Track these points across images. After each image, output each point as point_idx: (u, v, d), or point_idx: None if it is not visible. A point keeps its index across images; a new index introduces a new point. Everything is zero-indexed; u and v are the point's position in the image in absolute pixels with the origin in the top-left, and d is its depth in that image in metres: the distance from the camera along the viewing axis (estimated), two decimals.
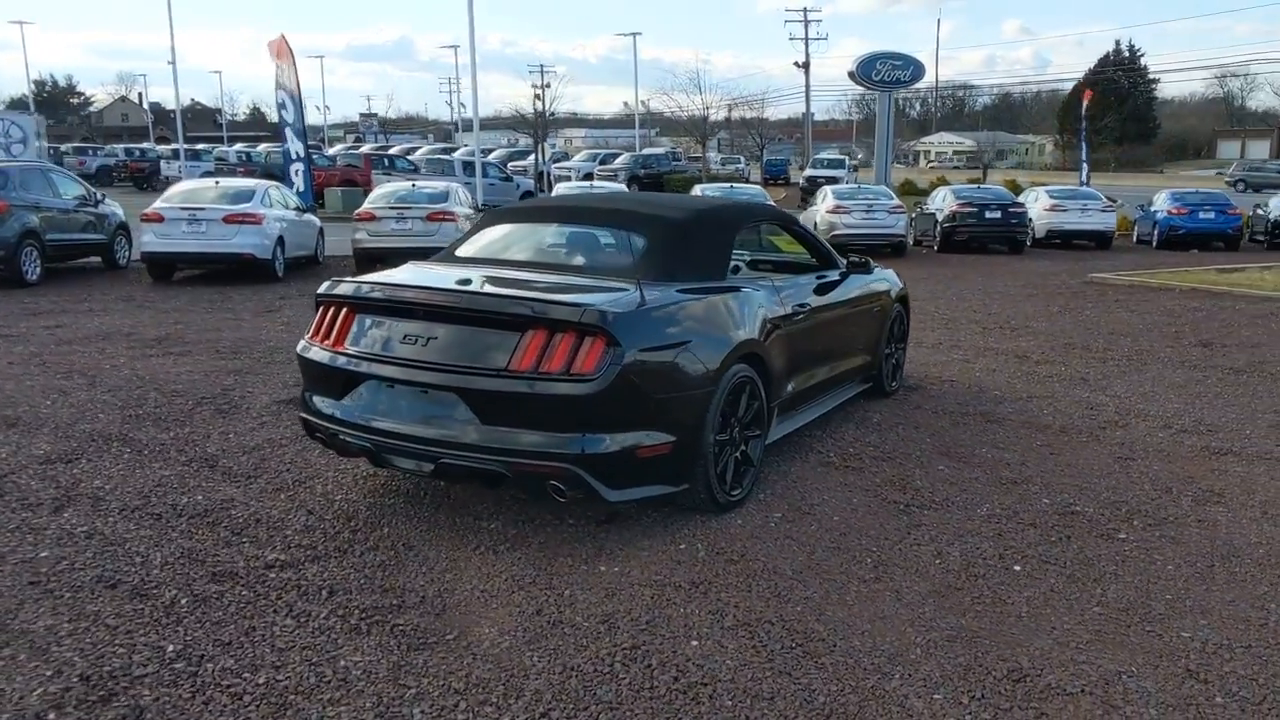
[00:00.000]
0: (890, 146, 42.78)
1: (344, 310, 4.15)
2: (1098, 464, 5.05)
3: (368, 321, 4.09)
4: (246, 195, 12.88)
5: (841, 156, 45.73)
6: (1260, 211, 21.08)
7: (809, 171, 39.41)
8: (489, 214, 5.37)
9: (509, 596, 3.43)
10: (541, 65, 53.07)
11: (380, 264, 8.98)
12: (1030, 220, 19.71)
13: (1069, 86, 73.90)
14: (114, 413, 5.85)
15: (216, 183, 14.28)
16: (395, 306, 4.03)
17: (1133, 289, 13.19)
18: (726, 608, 3.32)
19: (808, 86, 53.06)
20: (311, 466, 4.83)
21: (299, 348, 4.35)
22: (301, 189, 15.43)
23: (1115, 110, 65.51)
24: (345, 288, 4.20)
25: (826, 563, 3.74)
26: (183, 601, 3.39)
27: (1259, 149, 66.76)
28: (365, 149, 42.31)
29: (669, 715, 2.71)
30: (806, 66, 52.08)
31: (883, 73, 39.36)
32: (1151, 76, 67.65)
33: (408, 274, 4.50)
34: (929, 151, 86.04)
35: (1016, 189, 27.47)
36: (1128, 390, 6.81)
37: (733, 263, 4.92)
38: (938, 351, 8.25)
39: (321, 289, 4.32)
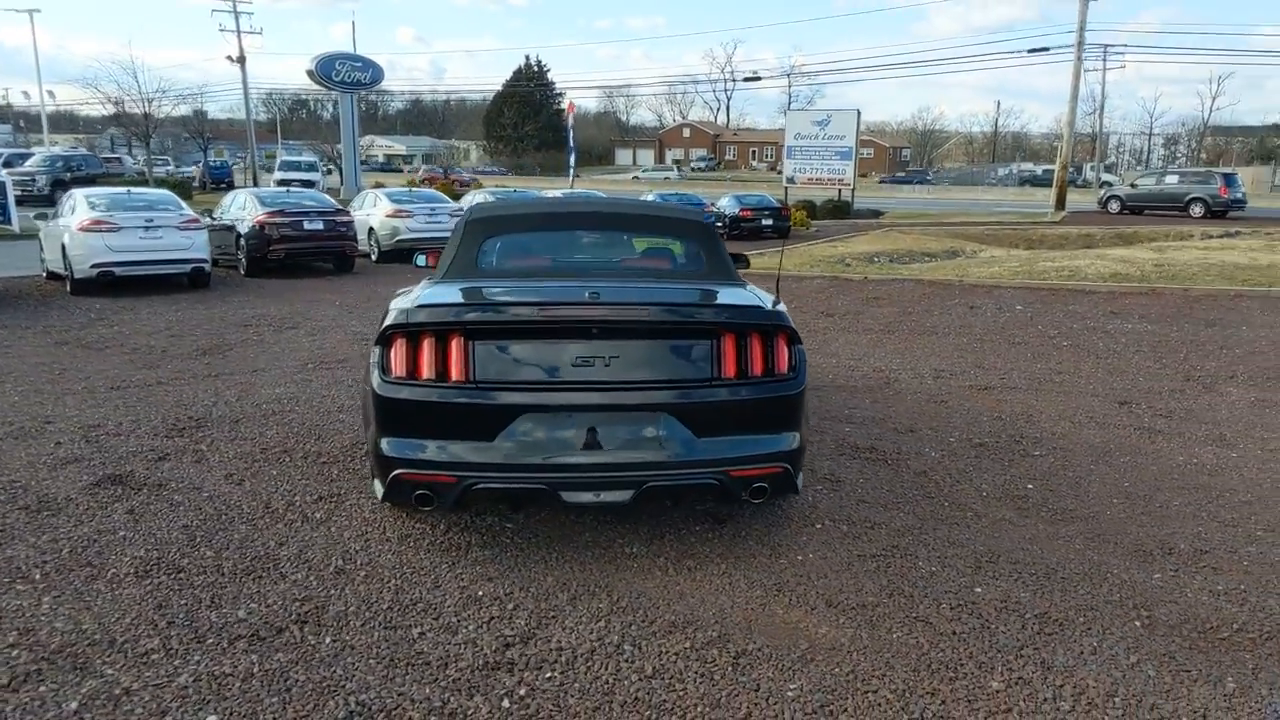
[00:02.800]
0: (356, 149, 42.62)
1: (454, 337, 3.62)
2: (926, 409, 6.54)
3: (510, 347, 3.64)
4: None
5: (312, 159, 44.12)
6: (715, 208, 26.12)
7: (280, 175, 37.44)
8: (478, 223, 4.82)
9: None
10: None
11: None
12: (373, 230, 17.56)
13: (487, 95, 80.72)
14: None
15: None
16: (552, 327, 3.66)
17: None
18: None
19: (245, 83, 49.81)
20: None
21: (377, 387, 3.65)
22: None
23: (533, 120, 73.56)
24: (449, 313, 3.66)
25: None
26: None
27: (645, 157, 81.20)
28: None
29: None
30: (242, 61, 48.86)
31: (343, 73, 39.04)
32: (558, 90, 77.40)
33: (516, 292, 4.01)
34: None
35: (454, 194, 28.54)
36: (854, 353, 8.61)
37: None
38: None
39: (411, 317, 3.67)
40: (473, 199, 21.41)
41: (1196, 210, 30.40)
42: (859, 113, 33.98)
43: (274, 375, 7.48)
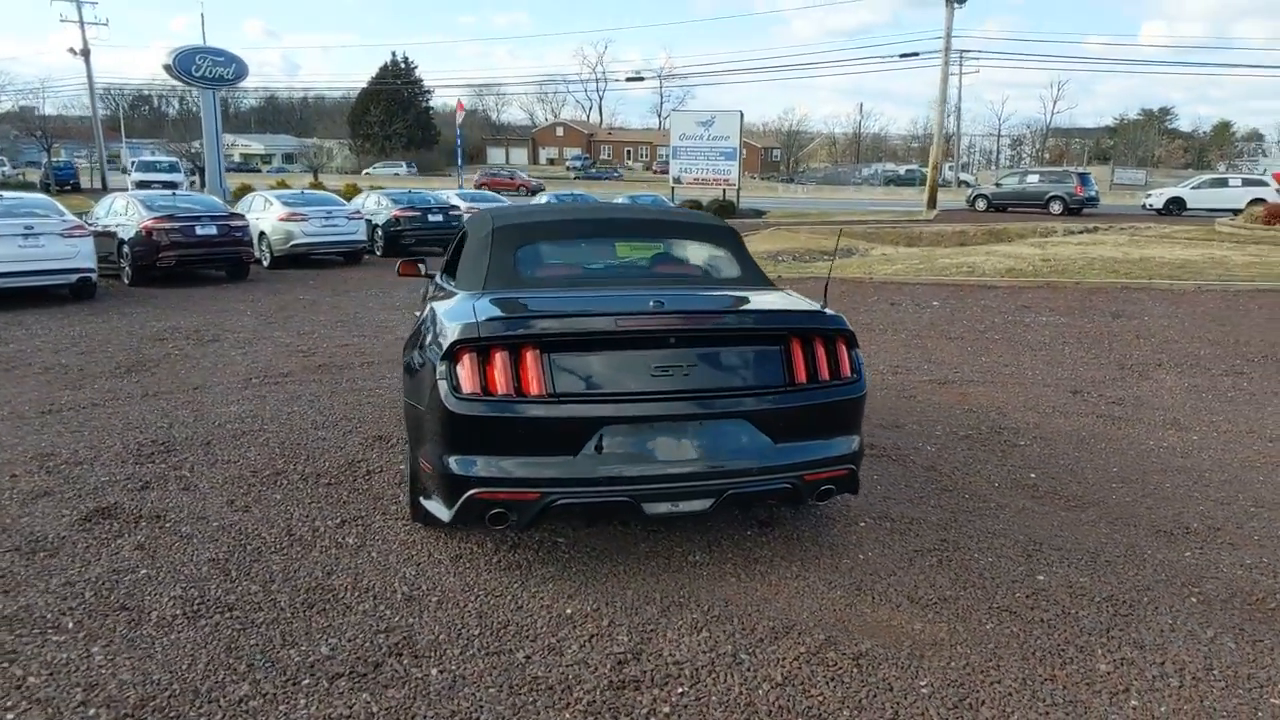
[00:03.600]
0: (220, 148, 40.53)
1: (527, 350, 3.53)
2: (900, 405, 6.80)
3: (588, 358, 3.58)
4: None
5: (172, 159, 41.58)
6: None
7: (139, 175, 35.16)
8: (508, 231, 4.65)
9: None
10: None
11: None
12: (265, 235, 16.84)
13: (348, 92, 78.14)
14: None
15: None
16: (630, 337, 3.61)
17: None
18: None
19: (90, 78, 46.55)
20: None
21: (449, 405, 3.51)
22: None
23: (401, 117, 71.71)
24: (524, 325, 3.57)
25: None
26: None
27: (518, 156, 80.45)
28: None
29: None
30: (86, 55, 45.63)
31: (204, 68, 37.05)
32: (426, 88, 75.67)
33: (583, 302, 3.93)
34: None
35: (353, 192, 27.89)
36: None
37: None
38: None
39: (482, 331, 3.54)
40: (366, 201, 20.76)
41: (1055, 208, 32.58)
42: (742, 114, 34.75)
43: (220, 393, 7.05)
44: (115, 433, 5.88)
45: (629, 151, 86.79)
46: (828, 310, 3.96)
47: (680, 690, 2.96)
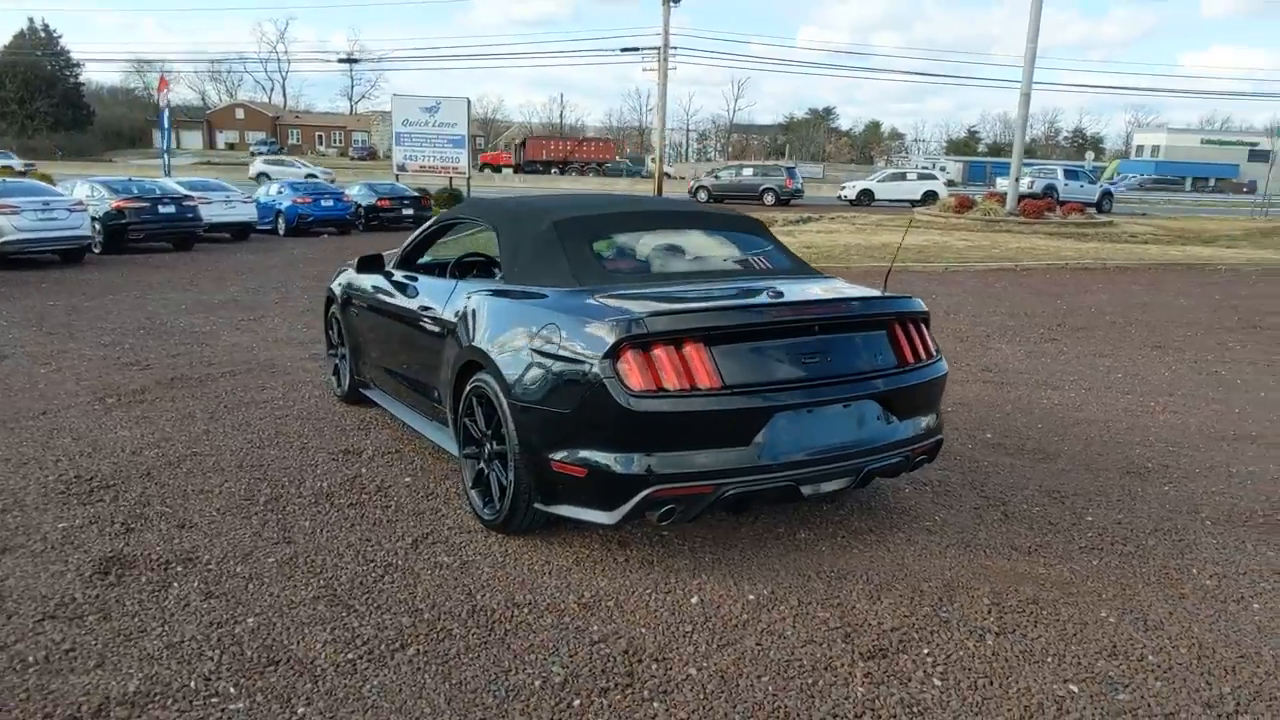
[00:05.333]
0: None
1: (690, 344, 3.55)
2: None
3: (746, 349, 3.64)
4: None
5: None
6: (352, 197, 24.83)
7: None
8: (573, 224, 4.41)
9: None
10: None
11: None
12: None
13: None
14: None
15: None
16: (782, 326, 3.72)
17: None
18: None
19: None
20: None
21: (624, 403, 3.44)
22: None
23: (45, 95, 62.27)
24: (687, 320, 3.58)
25: None
26: None
27: (192, 139, 72.84)
28: None
29: None
30: None
31: None
32: (74, 61, 66.14)
33: (710, 294, 4.02)
34: None
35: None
36: None
37: None
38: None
39: (648, 326, 3.49)
40: (74, 190, 18.05)
41: (768, 199, 35.71)
42: (469, 101, 34.36)
43: (81, 416, 6.05)
44: (9, 472, 4.90)
45: (320, 136, 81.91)
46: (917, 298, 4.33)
47: (926, 651, 3.19)
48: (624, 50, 35.36)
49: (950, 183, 42.05)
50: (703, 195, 37.15)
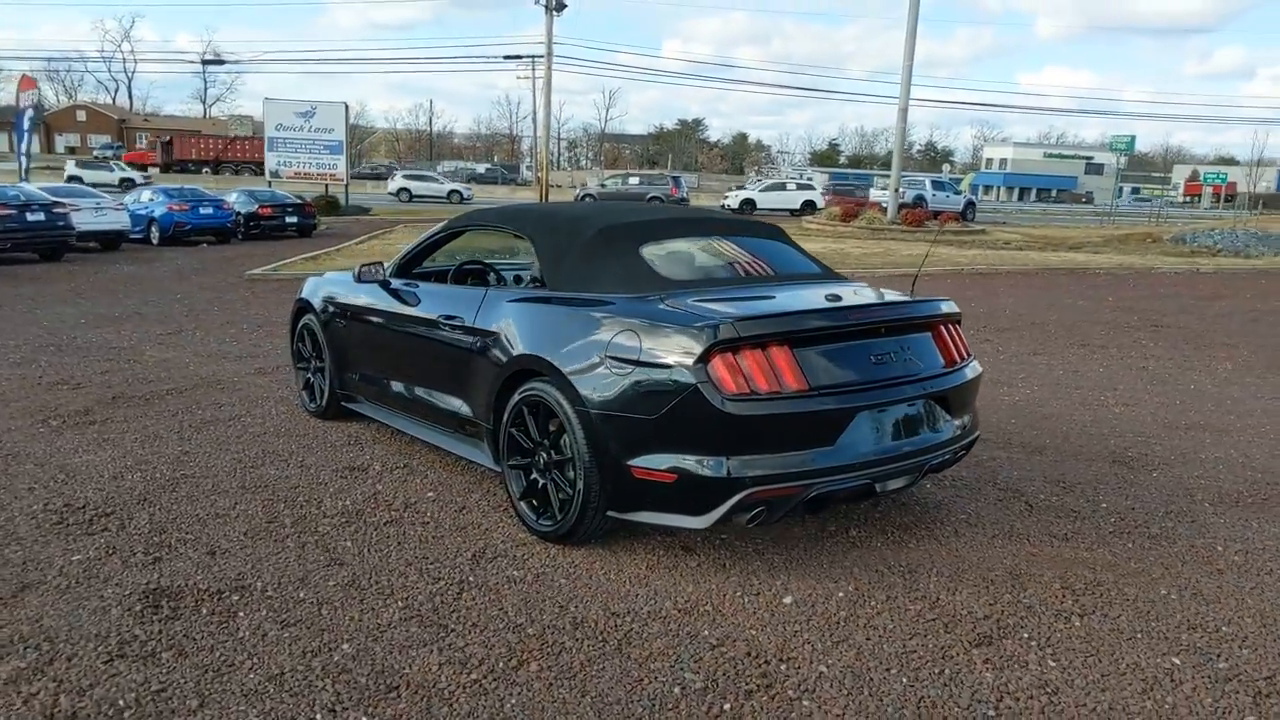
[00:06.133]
0: None
1: (775, 347, 3.60)
2: None
3: (826, 351, 3.71)
4: None
5: None
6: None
7: None
8: (617, 231, 4.34)
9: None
10: None
11: None
12: None
13: None
14: None
15: None
16: (856, 329, 3.81)
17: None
18: None
19: None
20: None
21: (721, 407, 3.46)
22: None
23: None
24: (773, 324, 3.63)
25: None
26: None
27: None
28: None
29: None
30: None
31: None
32: None
33: (793, 299, 4.08)
34: None
35: None
36: None
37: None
38: None
39: (738, 331, 3.52)
40: None
41: None
42: (347, 106, 33.37)
43: (26, 440, 5.58)
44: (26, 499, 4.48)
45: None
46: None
47: (1027, 636, 3.34)
48: (508, 58, 35.15)
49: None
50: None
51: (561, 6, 34.75)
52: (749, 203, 37.45)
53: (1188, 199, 64.09)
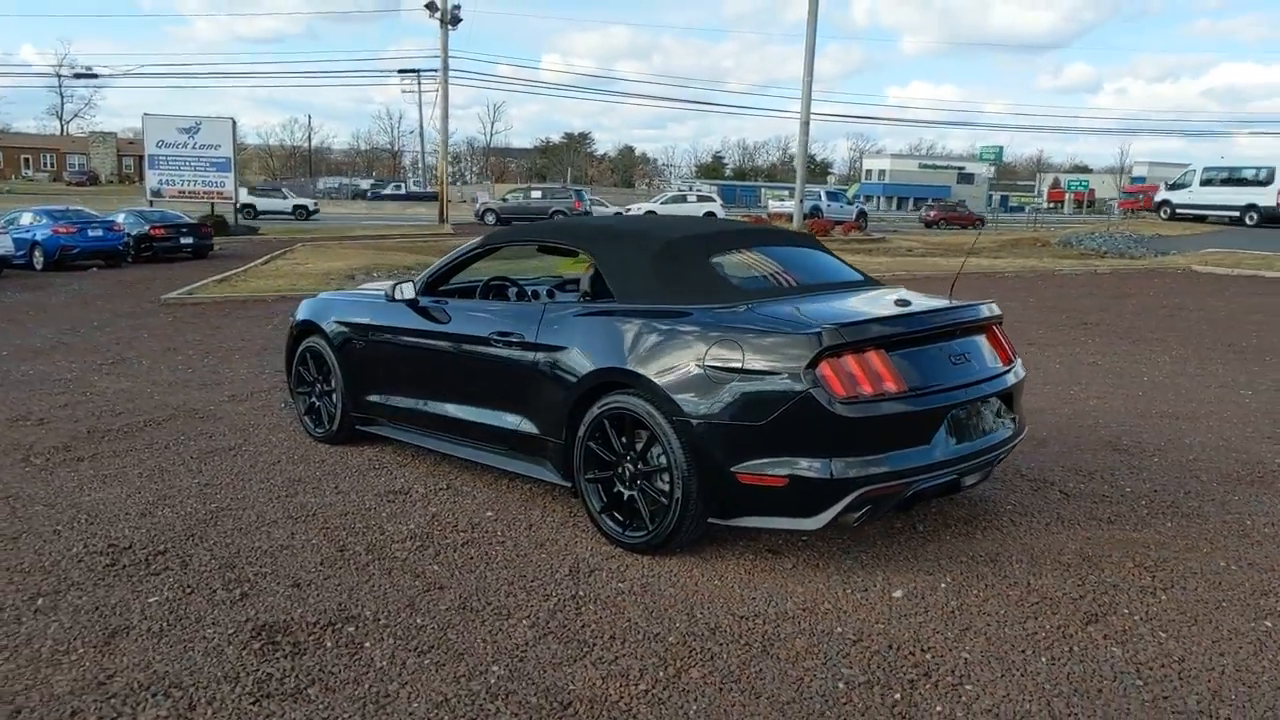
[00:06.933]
0: None
1: (872, 351, 3.77)
2: None
3: (914, 354, 3.89)
4: None
5: None
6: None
7: None
8: (687, 243, 4.38)
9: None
10: None
11: None
12: None
13: None
14: None
15: None
16: (933, 333, 4.01)
17: (252, 303, 14.01)
18: None
19: None
20: None
21: (834, 409, 3.59)
22: None
23: None
24: (871, 329, 3.80)
25: None
26: None
27: None
28: None
29: None
30: None
31: None
32: None
33: (867, 304, 4.24)
34: None
35: None
36: None
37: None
38: None
39: (844, 337, 3.67)
40: None
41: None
42: (234, 121, 32.21)
43: (16, 477, 5.26)
44: (17, 550, 4.22)
45: (27, 159, 72.53)
46: None
47: (1127, 612, 3.58)
48: (401, 72, 34.57)
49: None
50: (490, 218, 36.95)
51: (456, 20, 34.45)
52: (652, 215, 37.85)
53: (1051, 205, 68.20)
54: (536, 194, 37.84)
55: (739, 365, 3.80)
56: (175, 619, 3.53)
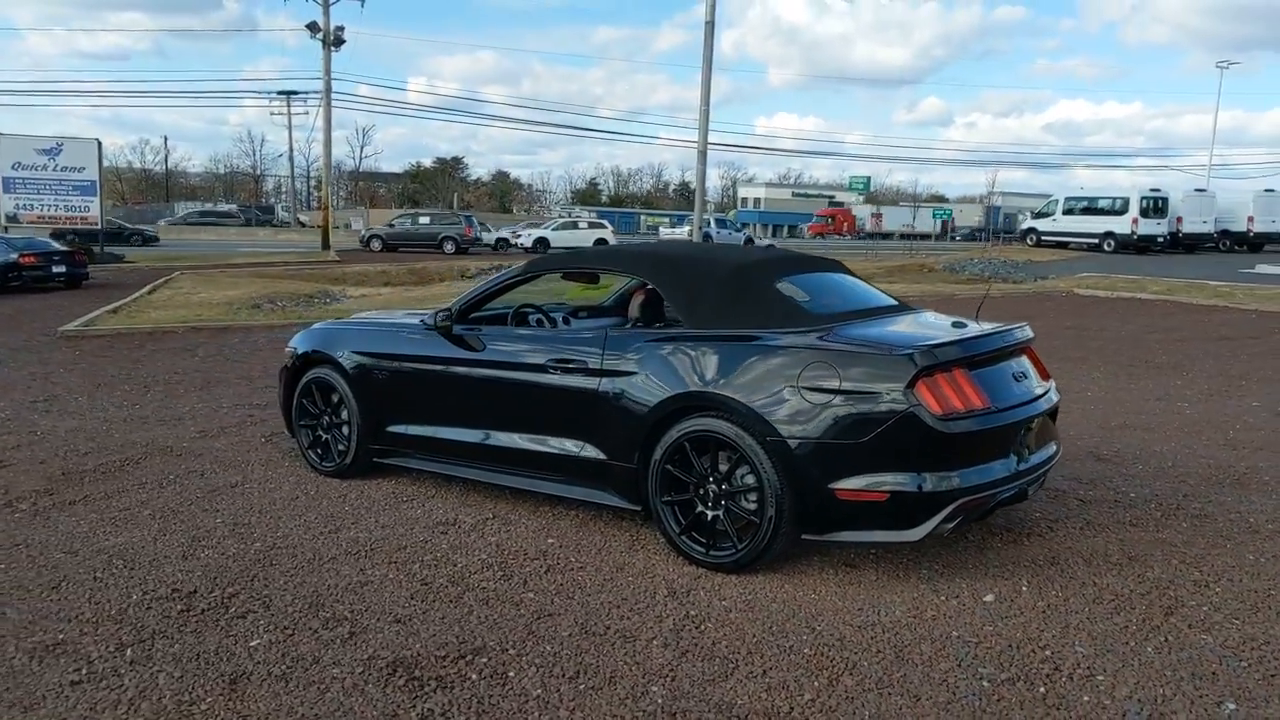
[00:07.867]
0: None
1: (957, 370, 4.04)
2: None
3: (985, 372, 4.17)
4: None
5: None
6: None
7: None
8: (759, 268, 4.51)
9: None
10: None
11: None
12: None
13: None
14: None
15: None
16: (999, 353, 4.32)
17: (165, 334, 13.30)
18: None
19: None
20: None
21: (936, 425, 3.84)
22: None
23: None
24: (956, 349, 4.07)
25: None
26: None
27: None
28: None
29: None
30: None
31: None
32: None
33: (944, 327, 4.58)
34: None
35: None
36: None
37: None
38: None
39: (938, 357, 3.93)
40: None
41: (449, 247, 35.70)
42: (99, 142, 30.51)
43: (19, 524, 4.96)
44: (61, 599, 3.99)
45: None
46: None
47: (1194, 604, 3.93)
48: (281, 94, 33.60)
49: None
50: (376, 244, 36.20)
51: (340, 41, 33.77)
52: (542, 241, 37.91)
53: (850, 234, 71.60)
54: (424, 219, 37.27)
55: (835, 386, 3.99)
56: (292, 661, 3.43)
